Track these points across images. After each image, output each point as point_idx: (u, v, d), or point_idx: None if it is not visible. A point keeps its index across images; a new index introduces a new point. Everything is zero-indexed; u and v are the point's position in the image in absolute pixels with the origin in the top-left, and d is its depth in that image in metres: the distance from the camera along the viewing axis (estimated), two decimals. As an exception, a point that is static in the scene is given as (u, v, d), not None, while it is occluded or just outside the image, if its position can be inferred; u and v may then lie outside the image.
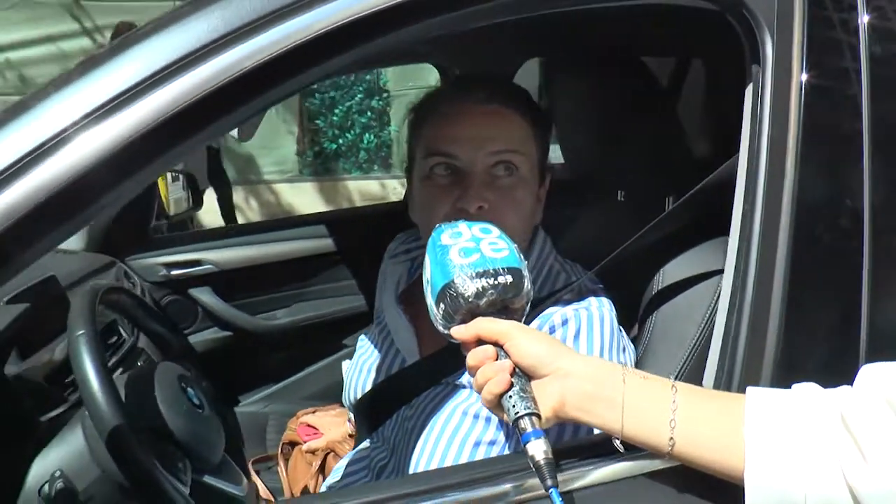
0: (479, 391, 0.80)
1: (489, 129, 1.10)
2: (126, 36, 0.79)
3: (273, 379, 2.31)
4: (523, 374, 0.80)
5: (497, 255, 0.84)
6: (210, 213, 7.26)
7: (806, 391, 0.77)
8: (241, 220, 6.69)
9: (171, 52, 0.73)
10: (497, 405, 0.79)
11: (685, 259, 1.15)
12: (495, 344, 0.81)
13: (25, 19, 5.92)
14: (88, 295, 1.14)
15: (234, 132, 1.29)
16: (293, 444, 1.81)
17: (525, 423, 0.76)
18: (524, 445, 0.75)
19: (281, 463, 1.76)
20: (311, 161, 7.88)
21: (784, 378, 0.84)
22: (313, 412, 1.86)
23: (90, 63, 0.75)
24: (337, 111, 7.89)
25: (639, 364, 1.13)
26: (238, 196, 7.55)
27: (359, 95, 7.90)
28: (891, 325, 0.85)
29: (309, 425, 1.80)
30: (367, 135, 7.87)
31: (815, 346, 0.89)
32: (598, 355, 1.03)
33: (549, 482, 0.72)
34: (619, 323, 1.13)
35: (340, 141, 7.89)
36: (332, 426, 1.74)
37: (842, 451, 0.71)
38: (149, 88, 0.72)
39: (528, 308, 0.86)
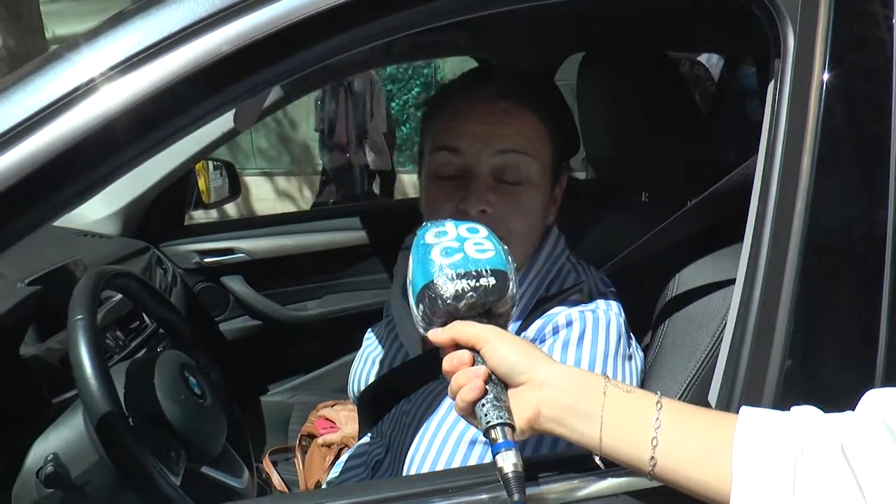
0: (454, 397, 0.76)
1: (496, 128, 1.05)
2: None
3: (301, 370, 2.33)
4: (499, 382, 0.75)
5: (481, 256, 0.79)
6: (263, 202, 7.39)
7: (805, 415, 0.71)
8: (294, 210, 6.78)
9: (192, 14, 0.74)
10: (471, 413, 0.75)
11: (703, 264, 1.10)
12: (472, 349, 0.77)
13: (89, 11, 6.07)
14: (92, 280, 1.14)
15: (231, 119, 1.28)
16: (312, 436, 1.80)
17: (496, 434, 0.72)
18: (494, 457, 0.71)
19: (298, 455, 1.76)
20: (366, 153, 7.92)
21: (788, 398, 0.78)
22: (332, 405, 1.86)
23: (117, 19, 0.77)
24: (394, 104, 7.91)
25: (648, 372, 1.08)
26: (292, 185, 7.66)
27: (416, 89, 7.91)
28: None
29: (327, 419, 1.79)
30: (422, 128, 7.88)
31: (824, 367, 0.82)
32: (600, 361, 0.98)
33: (517, 496, 0.68)
34: (632, 328, 1.07)
35: (396, 134, 7.91)
36: (348, 420, 1.73)
37: (839, 483, 0.65)
38: (171, 46, 0.73)
39: (513, 313, 0.82)
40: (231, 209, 6.57)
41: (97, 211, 2.11)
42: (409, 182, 7.78)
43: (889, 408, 0.63)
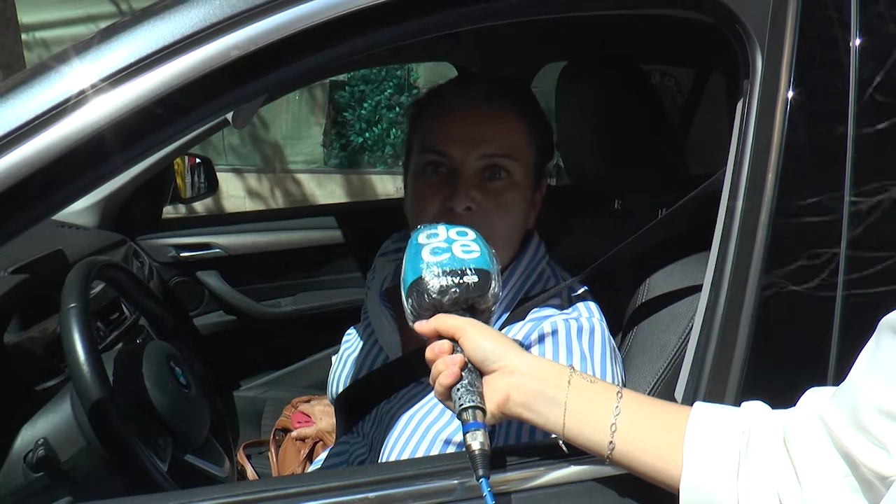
0: (433, 383, 0.82)
1: (484, 131, 1.10)
2: (146, 9, 0.83)
3: (274, 366, 2.35)
4: (475, 370, 0.82)
5: (467, 257, 0.86)
6: (233, 199, 7.34)
7: (752, 409, 0.77)
8: (264, 208, 6.76)
9: (185, 27, 0.77)
10: (447, 397, 0.81)
11: (672, 270, 1.15)
12: (452, 339, 0.83)
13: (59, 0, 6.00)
14: (83, 269, 1.17)
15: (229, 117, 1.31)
16: (286, 430, 1.83)
17: (468, 415, 0.78)
18: (464, 435, 0.77)
19: (272, 449, 1.79)
20: (337, 153, 7.93)
21: (748, 397, 0.83)
22: (308, 400, 1.89)
23: (110, 31, 0.80)
24: (366, 105, 7.92)
25: (619, 372, 1.13)
26: (263, 185, 7.63)
27: (389, 90, 7.93)
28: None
29: (303, 413, 1.82)
30: (394, 130, 7.89)
31: (782, 368, 0.88)
32: (598, 365, 1.02)
33: (481, 472, 0.74)
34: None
35: (367, 135, 7.93)
36: (323, 415, 1.77)
37: (779, 471, 0.71)
38: (163, 59, 0.76)
39: (495, 310, 0.88)
40: (199, 206, 6.54)
41: (75, 203, 2.11)
42: (378, 183, 7.81)
43: (825, 404, 0.70)
